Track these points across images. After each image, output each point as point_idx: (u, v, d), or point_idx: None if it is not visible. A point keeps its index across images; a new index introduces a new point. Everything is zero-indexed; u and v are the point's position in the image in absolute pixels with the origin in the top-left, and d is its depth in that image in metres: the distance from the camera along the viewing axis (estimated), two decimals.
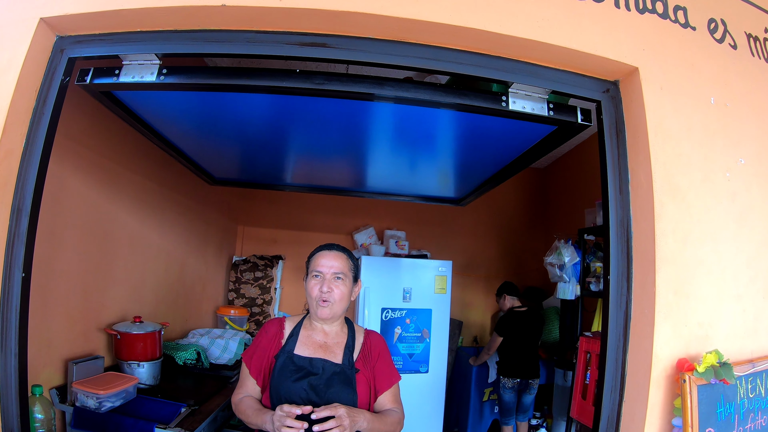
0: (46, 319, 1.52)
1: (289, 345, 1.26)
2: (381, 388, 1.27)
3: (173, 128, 1.69)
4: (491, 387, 3.03)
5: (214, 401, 1.79)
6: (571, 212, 3.25)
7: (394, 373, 1.33)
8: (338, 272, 1.26)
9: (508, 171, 1.82)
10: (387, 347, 1.36)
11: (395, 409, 1.29)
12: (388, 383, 1.28)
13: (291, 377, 1.19)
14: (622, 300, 1.15)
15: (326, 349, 1.26)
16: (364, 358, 1.28)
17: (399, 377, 1.34)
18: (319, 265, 1.26)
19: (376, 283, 2.91)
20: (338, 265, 1.26)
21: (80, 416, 1.55)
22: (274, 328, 1.32)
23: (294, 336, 1.28)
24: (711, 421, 1.11)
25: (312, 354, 1.24)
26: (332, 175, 2.28)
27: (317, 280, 1.26)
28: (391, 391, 1.29)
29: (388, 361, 1.32)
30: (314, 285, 1.25)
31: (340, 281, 1.26)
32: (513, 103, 1.18)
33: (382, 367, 1.29)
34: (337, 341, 1.29)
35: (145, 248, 2.17)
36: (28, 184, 1.15)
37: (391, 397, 1.30)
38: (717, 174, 1.23)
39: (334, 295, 1.24)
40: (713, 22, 1.35)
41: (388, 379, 1.29)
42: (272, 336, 1.30)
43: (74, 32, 1.21)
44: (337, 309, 1.26)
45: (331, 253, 1.29)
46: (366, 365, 1.27)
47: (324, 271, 1.25)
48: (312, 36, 1.15)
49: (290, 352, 1.24)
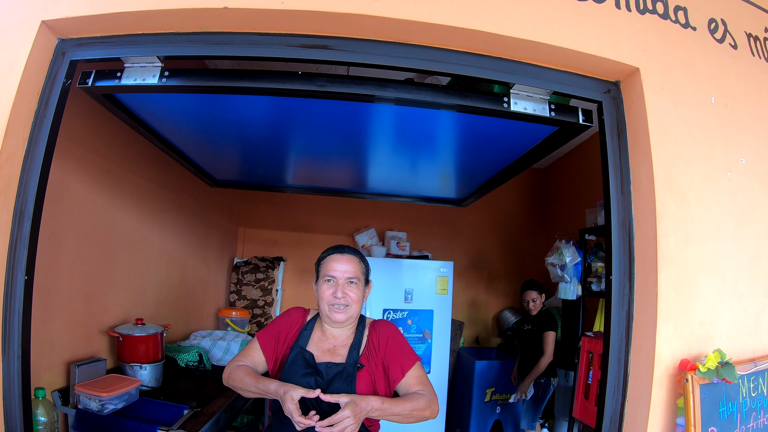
0: (48, 322, 1.52)
1: (302, 340, 1.25)
2: (395, 373, 1.20)
3: (175, 130, 1.69)
4: (493, 387, 3.03)
5: (216, 403, 1.79)
6: (572, 212, 3.25)
7: (410, 355, 1.24)
8: (352, 277, 1.23)
9: (509, 172, 1.82)
10: (397, 331, 1.29)
11: (421, 390, 1.19)
12: (402, 367, 1.21)
13: (300, 371, 1.18)
14: (625, 300, 1.15)
15: (333, 353, 1.25)
16: (369, 352, 1.25)
17: (416, 358, 1.25)
18: (332, 270, 1.23)
19: (377, 285, 2.85)
20: (351, 269, 1.23)
21: (83, 419, 1.55)
22: (297, 314, 1.31)
23: (308, 330, 1.27)
24: (713, 420, 1.11)
25: (320, 356, 1.23)
26: (333, 176, 2.28)
27: (330, 284, 1.22)
28: (411, 373, 1.21)
29: (399, 344, 1.25)
30: (327, 290, 1.22)
31: (353, 285, 1.23)
32: (515, 104, 1.18)
33: (393, 353, 1.22)
34: (345, 344, 1.27)
35: (147, 251, 2.17)
36: (30, 187, 1.15)
37: (414, 380, 1.20)
38: (718, 174, 1.23)
39: (350, 299, 1.22)
40: (713, 22, 1.36)
41: (401, 363, 1.21)
42: (291, 323, 1.28)
43: (76, 35, 1.21)
44: (353, 312, 1.23)
45: (343, 257, 1.25)
46: (372, 358, 1.23)
47: (337, 276, 1.22)
48: (314, 38, 1.15)
49: (303, 348, 1.23)
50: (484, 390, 3.02)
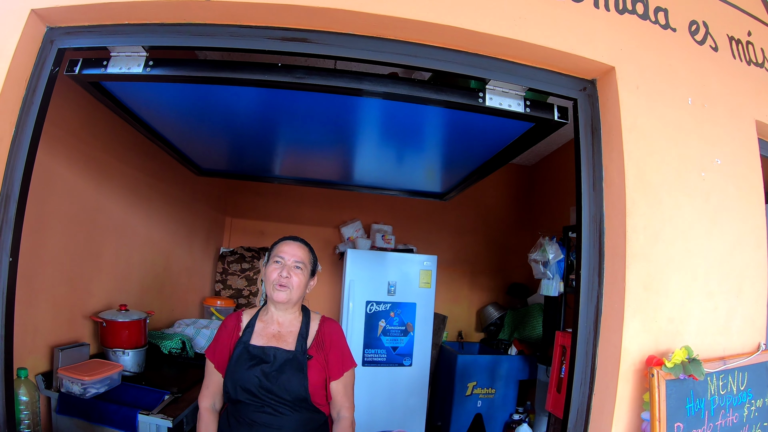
0: (32, 307, 1.55)
1: (246, 336, 1.31)
2: (333, 375, 1.31)
3: (160, 119, 1.71)
4: (475, 381, 3.05)
5: (197, 389, 1.80)
6: (557, 210, 3.27)
7: (347, 360, 1.35)
8: (299, 261, 1.32)
9: (489, 166, 1.85)
10: (342, 334, 1.39)
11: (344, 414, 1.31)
12: (339, 371, 1.31)
13: (245, 365, 1.24)
14: (593, 294, 1.17)
15: (279, 338, 1.31)
16: (317, 345, 1.32)
17: (353, 364, 1.36)
18: (282, 252, 1.33)
19: (361, 276, 2.95)
20: (300, 254, 1.33)
21: (65, 402, 1.58)
22: (232, 322, 1.37)
23: (250, 327, 1.34)
24: (680, 416, 1.12)
25: (265, 343, 1.29)
26: (319, 167, 2.31)
27: (277, 265, 1.32)
28: (342, 380, 1.32)
29: (341, 348, 1.35)
30: (273, 270, 1.31)
31: (299, 270, 1.32)
32: (490, 99, 1.20)
33: (335, 355, 1.32)
34: (290, 330, 1.33)
35: (132, 238, 2.20)
36: (16, 171, 1.18)
37: (341, 388, 1.32)
38: (692, 173, 1.25)
39: (293, 281, 1.30)
40: (695, 24, 1.37)
41: (339, 367, 1.32)
42: (231, 330, 1.35)
43: (64, 23, 1.23)
44: (294, 295, 1.31)
45: (294, 243, 1.36)
46: (320, 352, 1.31)
47: (285, 258, 1.31)
48: (293, 31, 1.18)
49: (246, 342, 1.29)
50: (465, 384, 3.04)
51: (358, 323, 2.93)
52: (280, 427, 1.22)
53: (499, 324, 3.52)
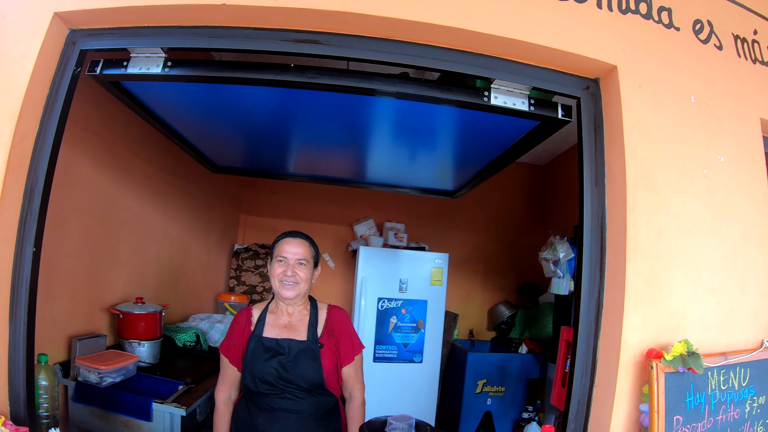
0: (51, 298, 1.61)
1: (258, 329, 1.37)
2: (344, 360, 1.39)
3: (178, 117, 1.77)
4: (485, 379, 3.07)
5: (210, 381, 1.87)
6: (569, 209, 3.27)
7: (356, 344, 1.42)
8: (301, 258, 1.38)
9: (497, 164, 1.88)
10: (348, 320, 1.45)
11: (356, 395, 1.40)
12: (350, 356, 1.39)
13: (262, 358, 1.30)
14: (595, 288, 1.19)
15: (291, 329, 1.36)
16: (328, 333, 1.38)
17: (361, 347, 1.43)
18: (284, 251, 1.38)
19: (373, 274, 2.99)
20: (301, 252, 1.38)
21: (82, 390, 1.64)
22: (243, 317, 1.42)
23: (261, 321, 1.39)
24: (679, 409, 1.14)
25: (278, 335, 1.34)
26: (332, 165, 2.35)
27: (281, 264, 1.37)
28: (353, 364, 1.40)
29: (350, 334, 1.41)
30: (278, 268, 1.37)
31: (303, 266, 1.38)
32: (495, 98, 1.23)
33: (345, 341, 1.39)
34: (300, 320, 1.39)
35: (149, 233, 2.25)
36: (40, 166, 1.23)
37: (353, 371, 1.40)
38: (695, 170, 1.26)
39: (298, 277, 1.36)
40: (699, 23, 1.38)
41: (350, 352, 1.39)
42: (243, 325, 1.40)
43: (86, 26, 1.29)
44: (302, 290, 1.37)
45: (295, 240, 1.41)
46: (330, 339, 1.37)
47: (288, 257, 1.37)
48: (305, 33, 1.22)
49: (260, 336, 1.35)
50: (475, 381, 3.06)
51: (370, 319, 2.97)
52: (300, 411, 1.29)
53: (510, 323, 3.53)
